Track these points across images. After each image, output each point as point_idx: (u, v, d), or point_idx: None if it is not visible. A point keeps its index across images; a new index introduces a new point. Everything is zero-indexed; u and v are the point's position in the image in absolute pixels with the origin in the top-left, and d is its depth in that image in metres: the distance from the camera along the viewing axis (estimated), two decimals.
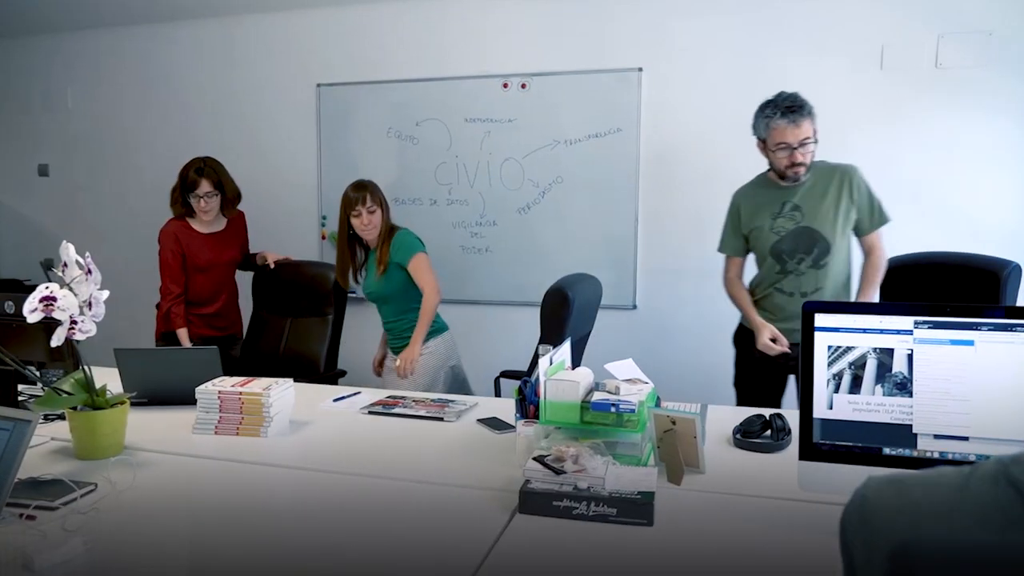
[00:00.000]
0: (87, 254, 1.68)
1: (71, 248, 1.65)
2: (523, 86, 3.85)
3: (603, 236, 3.81)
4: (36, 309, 1.58)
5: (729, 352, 2.93)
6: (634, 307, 3.83)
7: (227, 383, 2.08)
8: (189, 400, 2.14)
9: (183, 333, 3.25)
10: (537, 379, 1.84)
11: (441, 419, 2.17)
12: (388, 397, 2.40)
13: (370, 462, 1.83)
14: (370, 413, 2.25)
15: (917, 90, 3.39)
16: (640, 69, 3.69)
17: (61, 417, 2.06)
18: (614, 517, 1.44)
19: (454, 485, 1.67)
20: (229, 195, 3.32)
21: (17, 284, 4.73)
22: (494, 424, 2.12)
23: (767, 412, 2.01)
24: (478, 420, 2.16)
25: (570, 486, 1.50)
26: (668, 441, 1.68)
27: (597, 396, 1.70)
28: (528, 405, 1.86)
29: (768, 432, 1.95)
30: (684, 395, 2.17)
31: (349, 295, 3.41)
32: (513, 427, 2.06)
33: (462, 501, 1.59)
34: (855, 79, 3.46)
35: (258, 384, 2.07)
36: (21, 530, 1.41)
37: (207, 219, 3.30)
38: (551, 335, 2.82)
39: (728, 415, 2.08)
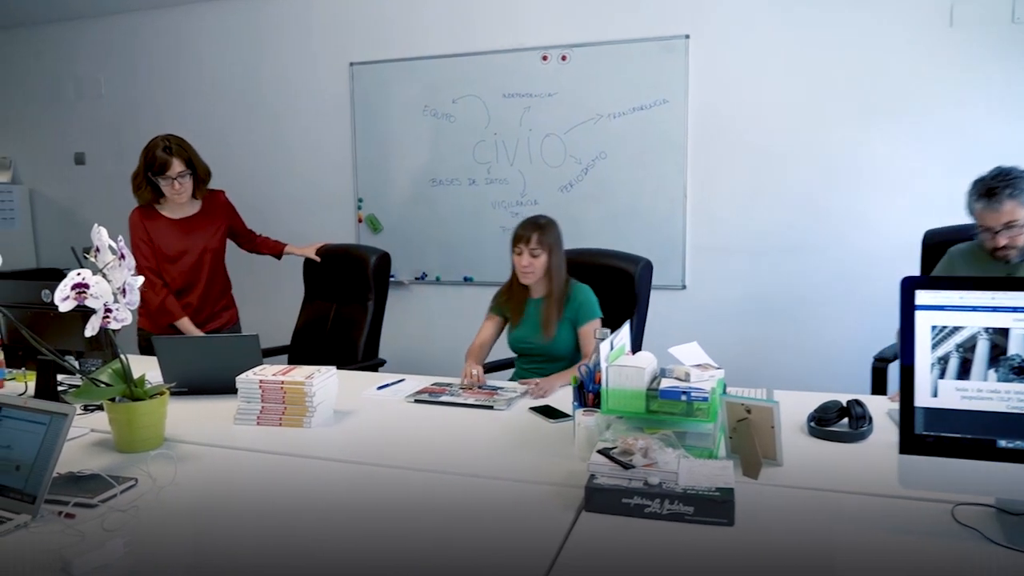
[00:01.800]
0: (119, 238, 1.59)
1: (103, 232, 1.57)
2: (563, 58, 3.70)
3: (649, 213, 3.66)
4: (68, 297, 1.50)
5: (785, 333, 2.78)
6: (683, 287, 3.67)
7: (268, 372, 2.00)
8: (229, 389, 2.06)
9: (186, 322, 2.94)
10: (597, 365, 1.72)
11: (491, 407, 2.06)
12: (434, 384, 2.30)
13: (420, 454, 1.73)
14: (416, 402, 2.15)
15: (992, 48, 3.15)
16: (687, 36, 3.50)
17: (101, 407, 1.99)
18: (691, 516, 1.32)
19: (511, 480, 1.56)
20: (201, 174, 2.94)
21: (56, 273, 4.73)
22: (547, 413, 2.01)
23: (843, 398, 1.86)
24: (530, 408, 2.05)
25: (640, 482, 1.38)
26: (743, 431, 1.55)
27: (665, 383, 1.57)
28: (587, 393, 1.74)
29: (845, 420, 1.80)
30: (738, 380, 2.02)
31: (391, 280, 3.29)
32: (568, 416, 1.95)
33: (521, 497, 1.48)
34: (921, 39, 3.24)
35: (300, 372, 1.98)
36: (60, 529, 1.33)
37: (179, 201, 2.93)
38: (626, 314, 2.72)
39: (795, 401, 1.93)
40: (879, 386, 2.62)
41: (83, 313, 2.24)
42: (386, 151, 4.11)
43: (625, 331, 1.82)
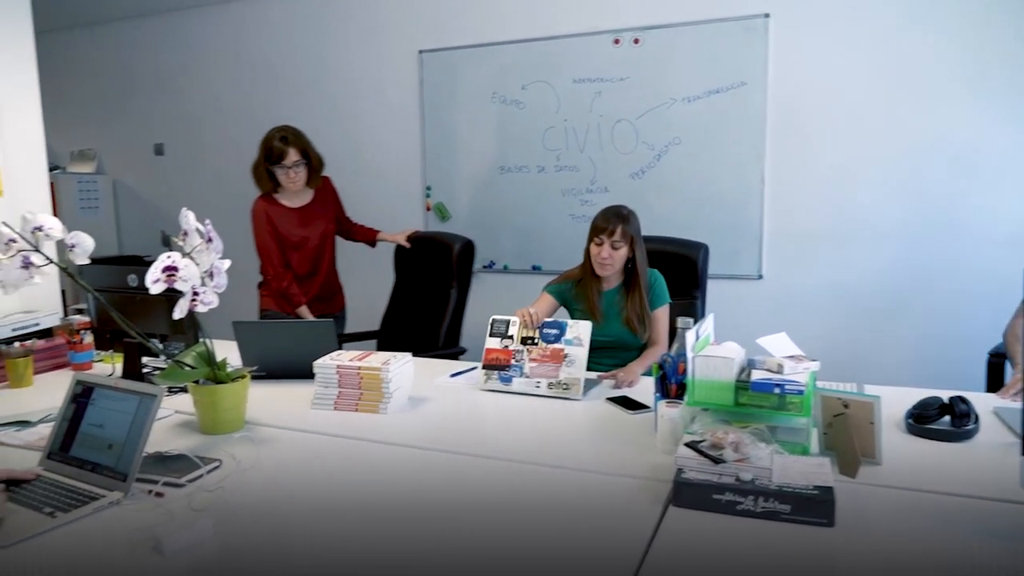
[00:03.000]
0: (207, 222, 1.61)
1: (191, 215, 1.59)
2: (636, 41, 3.60)
3: (725, 200, 3.54)
4: (159, 280, 1.52)
5: (875, 326, 2.64)
6: (759, 277, 3.55)
7: (345, 357, 2.00)
8: (303, 374, 2.08)
9: (304, 310, 3.09)
10: (681, 355, 1.65)
11: (567, 397, 2.02)
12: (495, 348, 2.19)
13: (497, 443, 1.70)
14: (490, 390, 2.12)
15: None
16: (767, 15, 3.36)
17: (184, 390, 2.04)
18: (788, 515, 1.25)
19: (593, 471, 1.52)
20: (315, 163, 3.07)
21: (137, 260, 4.92)
22: (626, 403, 1.95)
23: (945, 394, 1.75)
24: (608, 399, 2.00)
25: (731, 477, 1.32)
26: (840, 427, 1.47)
27: (756, 375, 1.49)
28: (670, 384, 1.68)
29: (947, 417, 1.69)
30: (822, 374, 1.91)
31: (475, 271, 3.28)
32: (647, 407, 1.90)
33: (605, 489, 1.43)
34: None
35: (376, 358, 1.98)
36: (150, 507, 1.36)
37: (295, 189, 3.06)
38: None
39: (889, 397, 1.81)
40: (995, 383, 2.46)
41: (167, 297, 2.30)
42: (454, 139, 4.10)
43: (710, 321, 1.75)
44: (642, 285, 2.43)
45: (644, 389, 2.04)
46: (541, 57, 3.80)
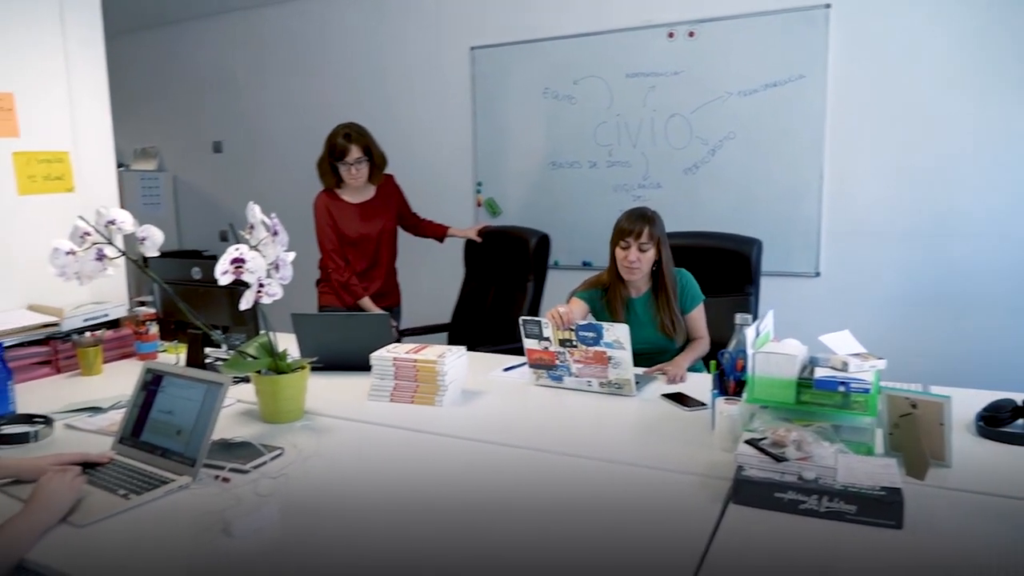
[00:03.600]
0: (272, 215, 1.65)
1: (257, 209, 1.63)
2: (690, 34, 3.55)
3: (782, 196, 3.47)
4: (227, 271, 1.57)
5: (941, 325, 2.56)
6: (817, 274, 3.46)
7: (401, 350, 2.03)
8: (359, 366, 2.11)
9: (367, 301, 3.13)
10: (740, 351, 1.63)
11: (621, 394, 2.01)
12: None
13: (552, 437, 1.70)
14: (543, 386, 2.12)
15: None
16: (827, 6, 3.27)
17: (244, 380, 2.09)
18: (853, 515, 1.22)
19: (649, 467, 1.51)
20: (377, 160, 3.12)
21: (196, 254, 5.07)
22: (681, 400, 1.93)
23: (1018, 397, 1.69)
24: (662, 395, 1.98)
25: (793, 476, 1.30)
26: (907, 428, 1.43)
27: (820, 372, 1.46)
28: (728, 380, 1.66)
29: (1020, 420, 1.63)
30: (884, 374, 1.86)
31: (554, 267, 3.29)
32: (703, 404, 1.88)
33: (662, 485, 1.42)
34: None
35: (432, 351, 2.00)
36: (217, 492, 1.40)
37: (356, 186, 3.12)
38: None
39: (957, 398, 1.76)
40: None
41: (229, 290, 2.36)
42: (505, 135, 4.11)
43: (770, 317, 1.72)
44: (670, 287, 2.37)
45: (699, 386, 2.02)
46: (594, 52, 3.78)
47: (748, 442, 1.39)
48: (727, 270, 2.70)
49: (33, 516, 1.23)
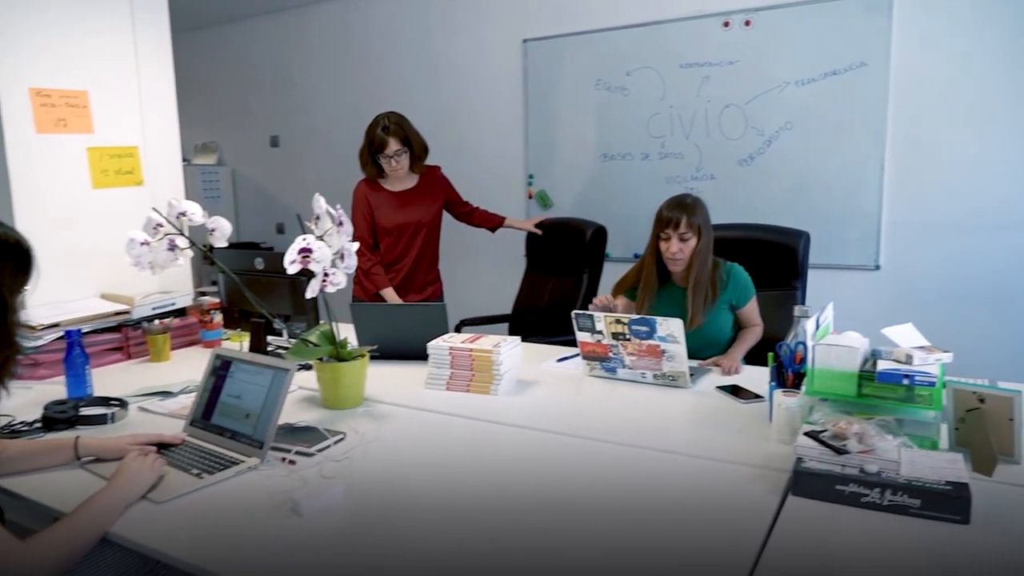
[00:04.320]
0: (338, 206, 1.69)
1: (322, 200, 1.68)
2: (747, 23, 3.50)
3: (840, 187, 3.39)
4: (295, 261, 1.62)
5: (1010, 320, 2.48)
6: (877, 267, 3.38)
7: (457, 340, 2.06)
8: (413, 355, 2.15)
9: (390, 292, 3.09)
10: (799, 343, 1.62)
11: (675, 386, 2.01)
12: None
13: (607, 426, 1.71)
14: (596, 377, 2.13)
15: None
16: None
17: (305, 368, 2.15)
18: (917, 509, 1.21)
19: (706, 457, 1.51)
20: (416, 151, 3.08)
21: (254, 246, 5.21)
22: (737, 392, 1.92)
23: None
24: (718, 387, 1.98)
25: (855, 468, 1.28)
26: (974, 423, 1.39)
27: (883, 365, 1.44)
28: (786, 372, 1.64)
29: None
30: (949, 369, 1.81)
31: (606, 260, 3.30)
32: (759, 396, 1.86)
33: (719, 476, 1.42)
34: None
35: (488, 341, 2.03)
36: (284, 474, 1.45)
37: (397, 177, 3.10)
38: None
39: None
40: None
41: (290, 280, 2.44)
42: (557, 127, 4.12)
43: (830, 310, 1.69)
44: (703, 275, 2.30)
45: (755, 378, 2.00)
46: (647, 43, 3.75)
47: (808, 434, 1.38)
48: (773, 264, 2.62)
49: (117, 492, 1.30)
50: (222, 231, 1.76)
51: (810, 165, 3.44)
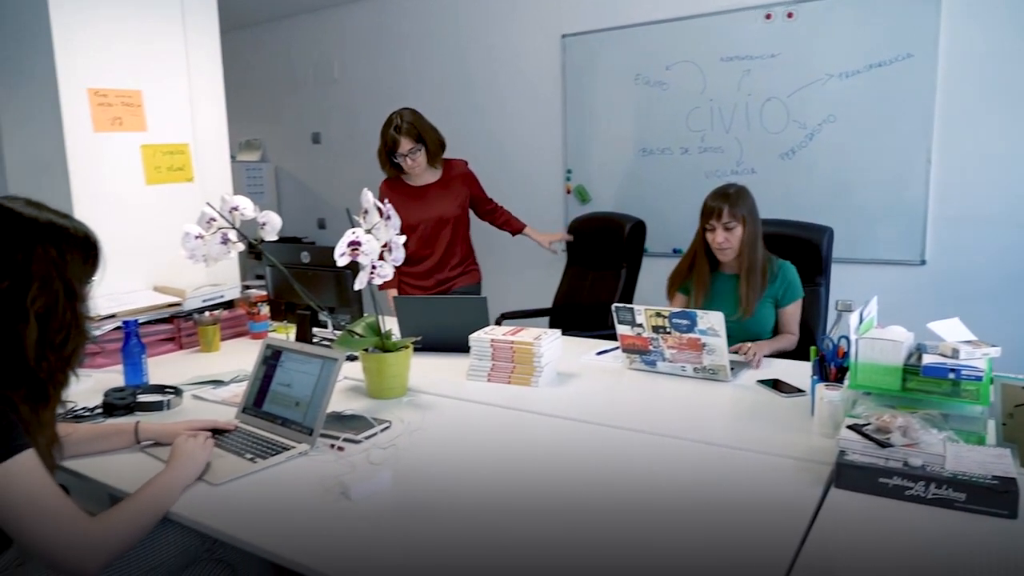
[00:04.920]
0: (386, 200, 1.74)
1: (369, 194, 1.72)
2: (789, 15, 3.46)
3: (885, 180, 3.34)
4: (344, 253, 1.67)
5: None
6: (922, 262, 3.32)
7: (498, 332, 2.10)
8: (455, 347, 2.19)
9: (389, 294, 3.04)
10: (842, 337, 1.61)
11: (715, 379, 2.01)
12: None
13: (647, 418, 1.72)
14: (636, 370, 2.15)
15: None
16: None
17: (350, 359, 2.21)
18: (962, 504, 1.20)
19: (746, 449, 1.52)
20: (431, 147, 3.05)
21: (296, 240, 5.32)
22: (778, 386, 1.92)
23: None
24: (758, 381, 1.97)
25: (899, 462, 1.28)
26: (1022, 418, 1.38)
27: (928, 359, 1.43)
28: (829, 366, 1.64)
29: None
30: (997, 366, 1.78)
31: (644, 254, 3.31)
32: (801, 391, 1.86)
33: (760, 468, 1.43)
34: None
35: (528, 334, 2.06)
36: (333, 459, 1.51)
37: (416, 174, 3.10)
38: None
39: None
40: None
41: (335, 274, 2.50)
42: (595, 122, 4.12)
43: (874, 303, 1.68)
44: (755, 266, 2.32)
45: (797, 372, 2.00)
46: (687, 36, 3.73)
47: (851, 427, 1.38)
48: (795, 260, 2.49)
49: (175, 473, 1.36)
50: (272, 225, 1.82)
51: (853, 158, 3.40)
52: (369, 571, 1.10)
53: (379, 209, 1.70)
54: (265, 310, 2.75)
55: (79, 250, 1.25)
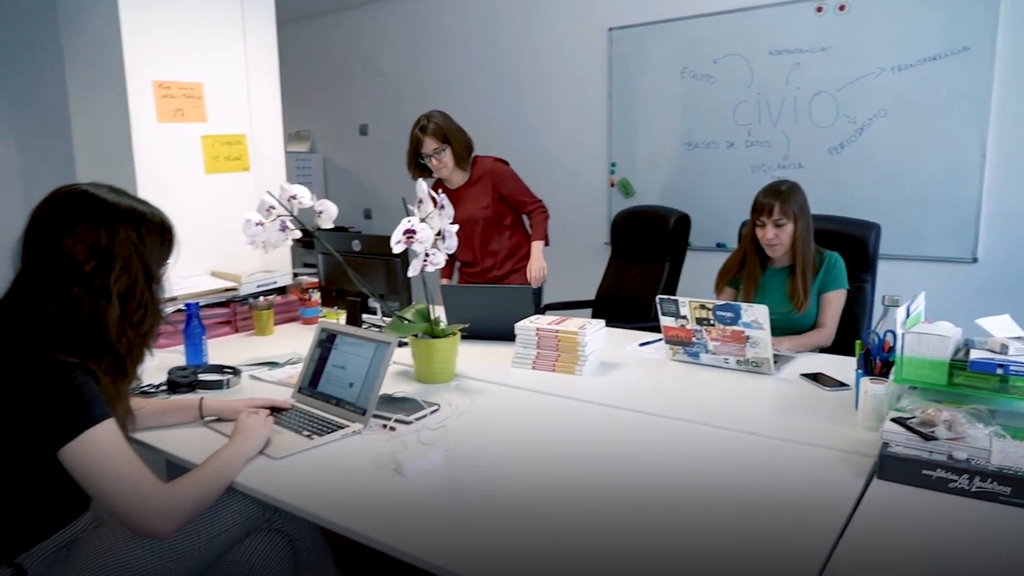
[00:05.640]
0: (440, 191, 1.79)
1: (424, 184, 1.78)
2: (841, 8, 3.41)
3: (936, 176, 3.28)
4: (400, 241, 1.73)
5: None
6: (974, 260, 3.26)
7: (543, 321, 2.14)
8: (501, 336, 2.24)
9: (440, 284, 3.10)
10: (887, 332, 1.62)
11: (758, 372, 2.02)
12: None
13: (689, 407, 1.75)
14: (679, 362, 2.17)
15: None
16: None
17: (401, 344, 2.27)
18: (1007, 497, 1.21)
19: (788, 440, 1.54)
20: (456, 147, 3.04)
21: (343, 230, 5.44)
22: (821, 380, 1.93)
23: None
24: (802, 375, 1.98)
25: (943, 455, 1.29)
26: None
27: (976, 354, 1.43)
28: (874, 360, 1.65)
29: None
30: None
31: (688, 248, 3.32)
32: (845, 385, 1.86)
33: (803, 458, 1.45)
34: None
35: (573, 323, 2.10)
36: (385, 439, 1.57)
37: (443, 176, 3.10)
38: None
39: None
40: None
41: (384, 261, 2.57)
42: (641, 115, 4.12)
43: (921, 299, 1.68)
44: (806, 261, 2.33)
45: (841, 367, 2.00)
46: (735, 30, 3.71)
47: (895, 420, 1.39)
48: (842, 257, 2.44)
49: (239, 447, 1.44)
50: (328, 213, 1.89)
51: (904, 154, 3.35)
52: (423, 542, 1.15)
53: (433, 199, 1.76)
54: (316, 296, 2.84)
55: (156, 234, 1.33)
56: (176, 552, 1.34)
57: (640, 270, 3.36)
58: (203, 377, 1.99)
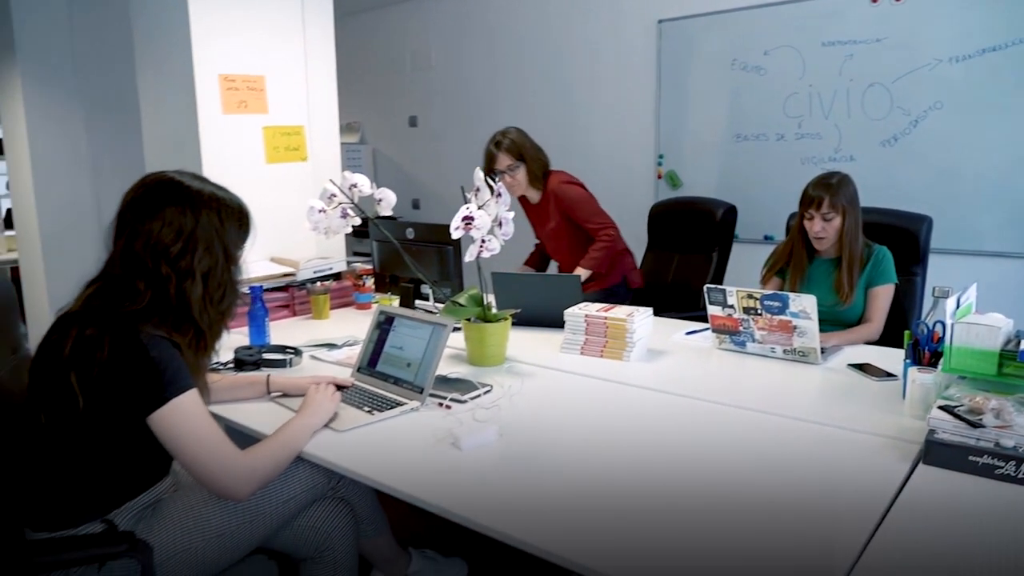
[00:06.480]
0: (497, 179, 1.86)
1: (480, 173, 1.85)
2: None
3: (993, 170, 3.23)
4: (459, 227, 1.80)
5: None
6: None
7: (591, 308, 2.19)
8: (548, 323, 2.30)
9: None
10: (937, 322, 1.63)
11: (805, 362, 2.05)
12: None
13: (736, 393, 1.79)
14: (725, 350, 2.20)
15: None
16: None
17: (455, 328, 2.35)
18: None
19: (835, 426, 1.57)
20: (531, 166, 3.00)
21: (391, 220, 5.55)
22: (869, 370, 1.94)
23: None
24: (849, 365, 2.00)
25: (990, 443, 1.31)
26: None
27: None
28: (923, 350, 1.66)
29: None
30: None
31: (735, 240, 3.31)
32: (892, 375, 1.88)
33: (848, 444, 1.48)
34: None
35: (621, 311, 2.15)
36: (441, 416, 1.65)
37: (515, 194, 3.04)
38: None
39: None
40: None
41: (437, 248, 2.65)
42: (689, 108, 4.13)
43: (973, 290, 1.69)
44: (853, 255, 2.32)
45: (889, 358, 2.01)
46: (787, 21, 3.69)
47: (942, 407, 1.41)
48: (892, 250, 2.42)
49: (307, 419, 1.53)
50: (388, 201, 1.97)
51: (960, 146, 3.30)
52: (480, 508, 1.23)
53: (490, 187, 1.82)
54: (370, 282, 2.94)
55: (235, 218, 1.43)
56: (249, 514, 1.44)
57: (683, 260, 3.36)
58: (267, 356, 2.10)
